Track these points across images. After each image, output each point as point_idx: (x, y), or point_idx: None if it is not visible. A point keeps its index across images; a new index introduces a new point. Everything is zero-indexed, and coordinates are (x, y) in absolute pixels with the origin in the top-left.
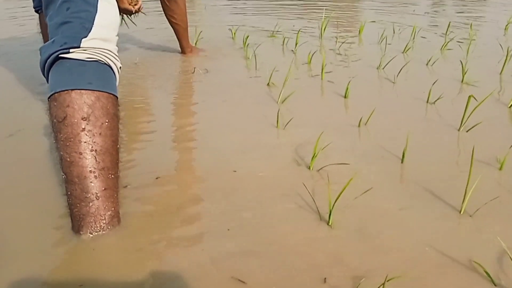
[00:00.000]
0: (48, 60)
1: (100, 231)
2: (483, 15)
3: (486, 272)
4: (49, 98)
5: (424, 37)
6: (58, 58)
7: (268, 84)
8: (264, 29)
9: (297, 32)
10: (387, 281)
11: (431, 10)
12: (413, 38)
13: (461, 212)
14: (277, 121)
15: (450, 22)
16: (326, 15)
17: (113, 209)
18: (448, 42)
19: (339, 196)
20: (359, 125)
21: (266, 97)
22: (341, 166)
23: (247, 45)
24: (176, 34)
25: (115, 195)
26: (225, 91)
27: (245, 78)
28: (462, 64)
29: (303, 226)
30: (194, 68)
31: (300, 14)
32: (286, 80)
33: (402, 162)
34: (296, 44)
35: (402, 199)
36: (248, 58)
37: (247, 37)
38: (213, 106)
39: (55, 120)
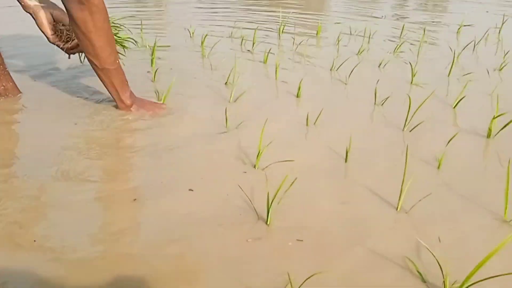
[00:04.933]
0: None
1: None
2: (439, 20)
3: (418, 271)
4: None
5: (378, 40)
6: None
7: (226, 83)
8: (222, 29)
9: (254, 32)
10: (313, 275)
11: (390, 14)
12: (368, 41)
13: (398, 209)
14: (226, 121)
15: (404, 25)
16: (283, 17)
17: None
18: (401, 44)
19: (275, 194)
20: (307, 124)
21: (221, 96)
22: (286, 165)
23: (205, 44)
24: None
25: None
26: (184, 91)
27: (203, 77)
28: (411, 66)
29: (242, 226)
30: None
31: (260, 15)
32: (238, 79)
33: (345, 161)
34: (253, 44)
35: (342, 196)
36: (205, 56)
37: (205, 36)
38: (172, 105)
39: None
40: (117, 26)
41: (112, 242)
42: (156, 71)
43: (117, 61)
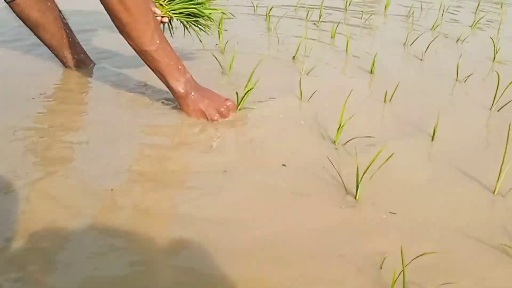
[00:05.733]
0: None
1: None
2: None
3: None
4: None
5: (453, 15)
6: None
7: (294, 57)
8: (286, 1)
9: (321, 4)
10: (422, 255)
11: None
12: (442, 16)
13: (495, 193)
14: (301, 95)
15: (480, 1)
16: None
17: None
18: (479, 20)
19: (366, 169)
20: (384, 101)
21: (291, 70)
22: (368, 141)
23: (270, 18)
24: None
25: None
26: (253, 65)
27: (271, 50)
28: (493, 42)
29: (329, 200)
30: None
31: None
32: (308, 53)
33: (432, 140)
34: (320, 17)
35: (431, 176)
36: (271, 30)
37: (271, 8)
38: (240, 79)
39: None
40: None
41: (192, 207)
42: (226, 43)
43: (158, 41)
